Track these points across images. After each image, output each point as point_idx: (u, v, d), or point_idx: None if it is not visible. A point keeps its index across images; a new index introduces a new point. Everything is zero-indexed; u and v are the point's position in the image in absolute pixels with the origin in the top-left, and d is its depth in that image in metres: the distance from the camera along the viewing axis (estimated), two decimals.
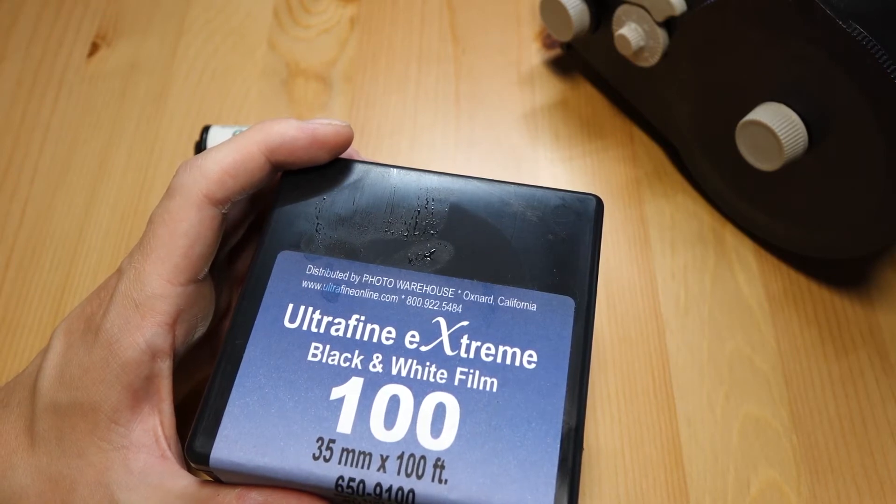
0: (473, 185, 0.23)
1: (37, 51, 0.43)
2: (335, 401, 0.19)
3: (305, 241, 0.21)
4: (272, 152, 0.21)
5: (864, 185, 0.28)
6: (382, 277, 0.21)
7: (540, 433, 0.19)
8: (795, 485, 0.29)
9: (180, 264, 0.20)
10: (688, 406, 0.31)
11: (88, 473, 0.19)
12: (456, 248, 0.21)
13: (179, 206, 0.21)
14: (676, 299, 0.33)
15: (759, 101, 0.30)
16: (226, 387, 0.19)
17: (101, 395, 0.20)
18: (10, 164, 0.38)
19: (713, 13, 0.29)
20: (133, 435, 0.20)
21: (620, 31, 0.33)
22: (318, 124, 0.22)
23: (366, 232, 0.22)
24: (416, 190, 0.22)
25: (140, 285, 0.20)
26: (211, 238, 0.21)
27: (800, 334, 0.32)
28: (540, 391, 0.19)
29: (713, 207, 0.36)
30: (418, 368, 0.19)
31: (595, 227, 0.22)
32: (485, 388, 0.19)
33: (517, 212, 0.22)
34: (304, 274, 0.21)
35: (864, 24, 0.25)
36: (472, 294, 0.20)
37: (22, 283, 0.35)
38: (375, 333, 0.20)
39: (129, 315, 0.20)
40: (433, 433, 0.18)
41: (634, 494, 0.29)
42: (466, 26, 0.42)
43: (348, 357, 0.19)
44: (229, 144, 0.21)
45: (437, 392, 0.19)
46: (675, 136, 0.35)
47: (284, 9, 0.44)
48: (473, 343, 0.20)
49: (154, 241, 0.20)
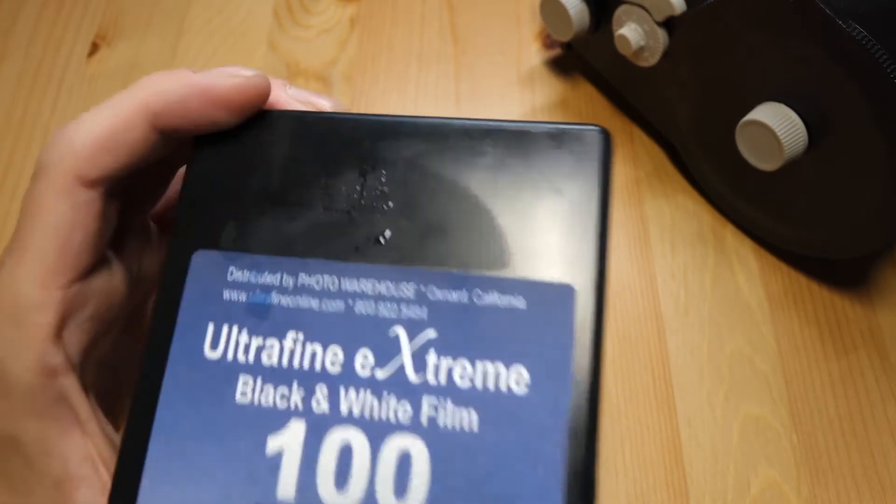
0: (435, 129, 0.17)
1: (37, 51, 0.43)
2: (272, 456, 0.15)
3: (225, 233, 0.17)
4: (156, 117, 0.17)
5: (864, 185, 0.28)
6: (323, 276, 0.16)
7: (536, 485, 0.14)
8: (795, 485, 0.29)
9: (55, 264, 0.17)
10: (688, 406, 0.31)
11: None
12: (415, 225, 0.16)
13: (45, 192, 0.17)
14: (676, 299, 0.33)
15: (759, 101, 0.30)
16: (140, 442, 0.16)
17: (19, 429, 0.17)
18: (10, 164, 0.38)
19: (713, 13, 0.29)
20: (69, 467, 0.17)
21: (620, 31, 0.33)
22: (215, 77, 0.17)
23: (300, 212, 0.17)
24: (361, 146, 0.17)
25: (13, 297, 0.16)
26: (92, 227, 0.17)
27: (800, 334, 0.32)
28: (534, 425, 0.15)
29: (713, 207, 0.36)
30: (374, 404, 0.15)
31: (603, 175, 0.16)
32: (461, 427, 0.15)
33: (495, 164, 0.16)
34: (225, 281, 0.17)
35: (864, 24, 0.25)
36: (438, 290, 0.16)
37: None
38: (318, 357, 0.16)
39: (8, 334, 0.16)
40: (397, 492, 0.15)
41: (634, 494, 0.29)
42: (466, 26, 0.42)
43: (285, 393, 0.16)
44: (104, 107, 0.17)
45: (400, 434, 0.15)
46: (675, 136, 0.35)
47: (284, 9, 0.44)
48: (444, 361, 0.15)
49: (23, 240, 0.17)
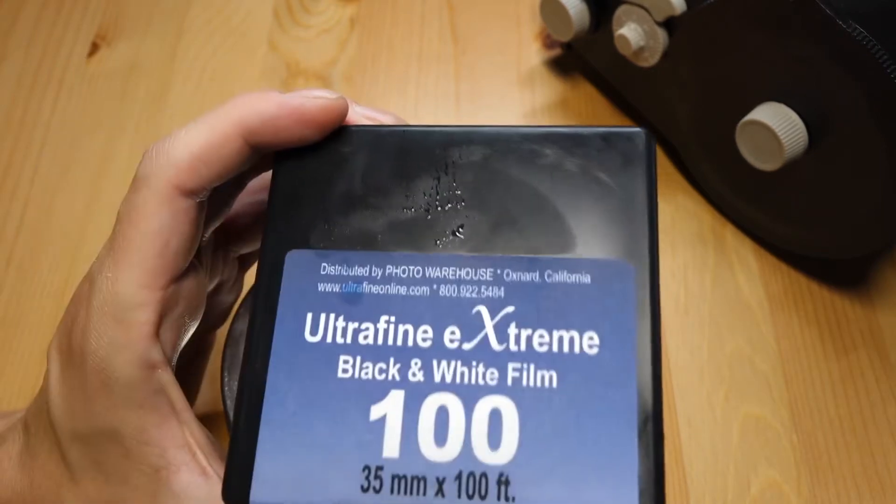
0: (497, 136, 0.19)
1: (37, 51, 0.43)
2: (376, 421, 0.17)
3: (315, 234, 0.19)
4: (251, 134, 0.19)
5: (864, 185, 0.28)
6: (408, 267, 0.18)
7: (613, 429, 0.16)
8: (795, 485, 0.29)
9: (156, 267, 0.18)
10: (688, 406, 0.31)
11: (139, 499, 0.18)
12: (488, 218, 0.18)
13: (147, 200, 0.18)
14: (676, 299, 0.33)
15: (759, 101, 0.30)
16: (253, 421, 0.17)
17: (120, 421, 0.18)
18: (10, 164, 0.38)
19: (713, 13, 0.29)
20: (168, 454, 0.18)
21: (620, 31, 0.33)
22: (304, 98, 0.19)
23: (382, 213, 0.19)
24: (432, 153, 0.19)
25: (115, 297, 0.18)
26: (188, 232, 0.19)
27: (800, 334, 0.32)
28: (607, 379, 0.17)
29: (713, 207, 0.36)
30: (464, 371, 0.17)
31: (648, 169, 0.18)
32: (543, 385, 0.17)
33: (553, 163, 0.19)
34: (318, 275, 0.18)
35: (864, 24, 0.25)
36: (513, 272, 0.18)
37: (22, 283, 0.35)
38: (410, 335, 0.17)
39: (112, 333, 0.18)
40: (491, 445, 0.16)
41: None
42: (466, 26, 0.42)
43: (383, 368, 0.17)
44: (200, 125, 0.19)
45: (490, 396, 0.17)
46: (675, 136, 0.35)
47: (284, 9, 0.44)
48: (523, 332, 0.17)
49: (124, 244, 0.18)
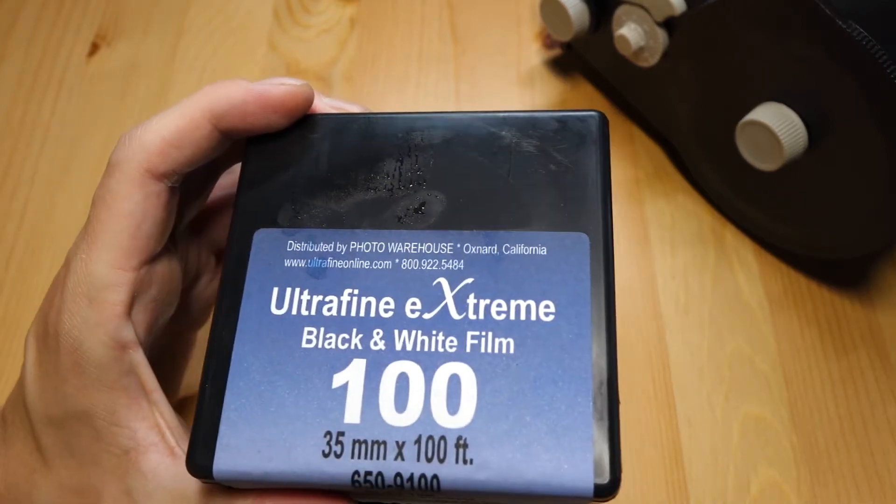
0: (457, 121, 0.20)
1: (37, 51, 0.43)
2: (338, 388, 0.17)
3: (282, 214, 0.19)
4: (219, 119, 0.19)
5: (864, 185, 0.28)
6: (372, 242, 0.19)
7: (569, 392, 0.17)
8: (795, 485, 0.29)
9: (128, 248, 0.19)
10: (688, 406, 0.31)
11: (110, 482, 0.19)
12: (448, 196, 0.19)
13: (119, 184, 0.19)
14: (676, 299, 0.33)
15: (759, 101, 0.30)
16: (218, 390, 0.18)
17: (91, 402, 0.19)
18: (10, 164, 0.38)
19: (713, 13, 0.29)
20: (138, 435, 0.19)
21: (620, 31, 0.33)
22: (270, 85, 0.20)
23: (347, 194, 0.20)
24: (395, 137, 0.20)
25: (89, 277, 0.19)
26: (160, 215, 0.19)
27: (800, 334, 0.32)
28: (562, 345, 0.17)
29: (713, 207, 0.36)
30: (424, 339, 0.18)
31: (602, 148, 0.19)
32: (501, 351, 0.17)
33: (511, 144, 0.20)
34: (285, 252, 0.19)
35: (864, 24, 0.25)
36: (472, 246, 0.18)
37: (22, 283, 0.35)
38: (372, 307, 0.18)
39: (85, 313, 0.18)
40: (450, 409, 0.17)
41: (634, 494, 0.29)
42: (466, 26, 0.42)
43: (346, 338, 0.18)
44: (171, 111, 0.20)
45: (449, 363, 0.17)
46: (675, 136, 0.35)
47: (284, 9, 0.44)
48: (482, 301, 0.18)
49: (97, 226, 0.19)
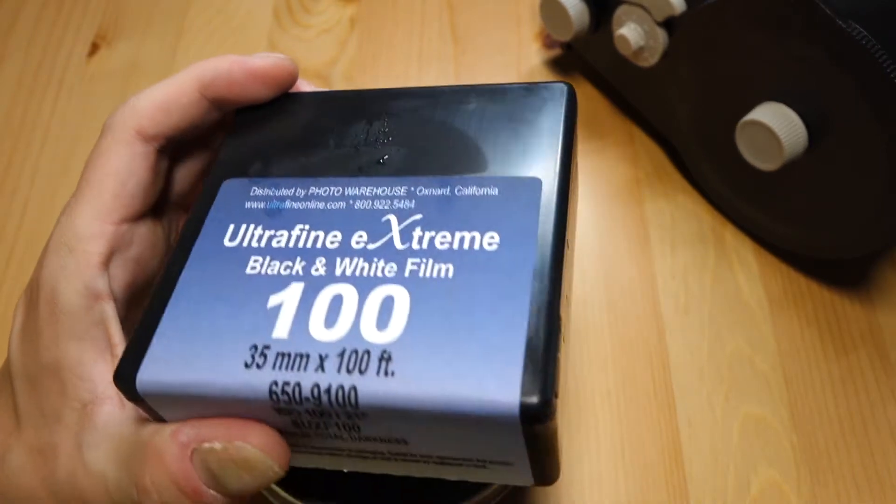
0: (430, 91, 0.21)
1: (37, 51, 0.43)
2: (272, 308, 0.17)
3: (253, 168, 0.20)
4: (206, 87, 0.21)
5: (864, 185, 0.28)
6: (330, 188, 0.19)
7: (504, 314, 0.16)
8: (795, 485, 0.29)
9: (111, 203, 0.20)
10: (688, 406, 0.31)
11: (67, 438, 0.19)
12: (410, 151, 0.20)
13: (109, 144, 0.20)
14: (676, 299, 0.33)
15: (759, 101, 0.30)
16: (158, 311, 0.18)
17: (61, 353, 0.19)
18: (10, 164, 0.38)
19: (713, 13, 0.30)
20: (98, 389, 0.19)
21: (620, 31, 0.33)
22: (256, 57, 0.21)
23: (315, 150, 0.20)
24: (370, 107, 0.21)
25: (71, 229, 0.19)
26: (145, 176, 0.20)
27: (800, 334, 0.32)
28: (503, 271, 0.17)
29: (713, 207, 0.36)
30: (364, 266, 0.18)
31: (567, 108, 0.20)
32: (439, 276, 0.17)
33: (477, 108, 0.20)
34: (247, 196, 0.19)
35: (864, 24, 0.25)
36: (426, 189, 0.19)
37: (22, 283, 0.35)
38: (319, 239, 0.18)
39: (64, 261, 0.19)
40: (379, 326, 0.17)
41: (634, 494, 0.29)
42: (466, 26, 0.42)
43: (289, 265, 0.18)
44: (165, 81, 0.21)
45: (385, 285, 0.17)
46: (675, 136, 0.35)
47: (284, 9, 0.44)
48: (427, 234, 0.18)
49: (84, 185, 0.20)
